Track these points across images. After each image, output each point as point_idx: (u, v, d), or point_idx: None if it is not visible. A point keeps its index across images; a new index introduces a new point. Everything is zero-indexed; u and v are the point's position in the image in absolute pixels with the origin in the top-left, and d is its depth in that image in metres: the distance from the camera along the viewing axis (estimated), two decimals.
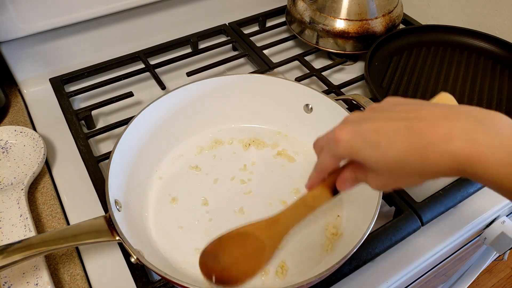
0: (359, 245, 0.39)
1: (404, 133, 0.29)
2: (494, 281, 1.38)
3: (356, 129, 0.31)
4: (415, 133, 0.28)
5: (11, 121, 0.63)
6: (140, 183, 0.52)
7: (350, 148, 0.31)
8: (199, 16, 0.79)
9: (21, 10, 0.61)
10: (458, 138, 0.27)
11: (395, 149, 0.29)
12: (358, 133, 0.31)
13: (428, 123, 0.28)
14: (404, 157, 0.29)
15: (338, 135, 0.32)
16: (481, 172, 0.26)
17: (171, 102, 0.55)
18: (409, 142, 0.28)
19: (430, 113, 0.29)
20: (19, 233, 0.46)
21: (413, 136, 0.28)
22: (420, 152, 0.28)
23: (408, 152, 0.28)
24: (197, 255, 0.46)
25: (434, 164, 0.28)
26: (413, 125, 0.29)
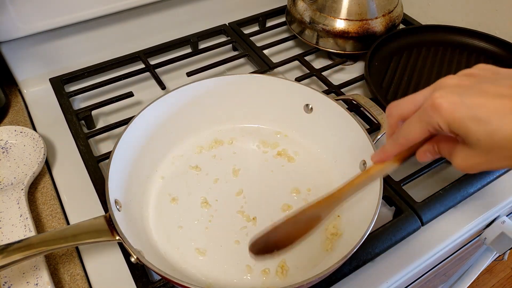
0: (359, 245, 0.39)
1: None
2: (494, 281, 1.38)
3: (462, 99, 0.28)
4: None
5: (11, 121, 0.63)
6: (140, 183, 0.52)
7: (453, 119, 0.28)
8: (199, 16, 0.79)
9: (21, 10, 0.61)
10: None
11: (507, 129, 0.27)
12: (464, 104, 0.28)
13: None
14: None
15: (440, 101, 0.29)
16: None
17: (171, 102, 0.55)
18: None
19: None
20: (19, 233, 0.46)
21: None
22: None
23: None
24: (197, 255, 0.47)
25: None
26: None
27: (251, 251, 0.37)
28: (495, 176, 0.55)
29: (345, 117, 0.52)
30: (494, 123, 0.27)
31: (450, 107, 0.29)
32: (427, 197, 0.52)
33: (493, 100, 0.28)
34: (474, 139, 0.28)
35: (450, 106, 0.29)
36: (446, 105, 0.29)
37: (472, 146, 0.29)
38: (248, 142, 0.59)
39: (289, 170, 0.55)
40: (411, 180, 0.54)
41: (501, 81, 0.29)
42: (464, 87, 0.29)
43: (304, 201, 0.52)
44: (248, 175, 0.55)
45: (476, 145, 0.29)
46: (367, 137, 0.49)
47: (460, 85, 0.30)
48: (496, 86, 0.29)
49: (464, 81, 0.30)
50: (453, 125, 0.29)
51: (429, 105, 0.29)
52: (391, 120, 0.34)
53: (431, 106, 0.29)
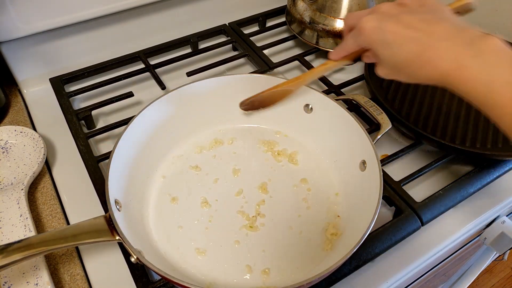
0: (359, 245, 0.39)
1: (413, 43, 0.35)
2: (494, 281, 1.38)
3: (380, 25, 0.37)
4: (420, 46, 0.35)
5: (11, 121, 0.63)
6: (140, 183, 0.52)
7: (370, 40, 0.38)
8: (199, 16, 0.79)
9: (21, 10, 0.61)
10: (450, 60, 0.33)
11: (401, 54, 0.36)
12: (380, 29, 0.37)
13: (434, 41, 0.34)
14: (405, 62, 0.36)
15: (364, 25, 0.38)
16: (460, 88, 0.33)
17: (171, 102, 0.55)
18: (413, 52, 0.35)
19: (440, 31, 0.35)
20: (19, 233, 0.46)
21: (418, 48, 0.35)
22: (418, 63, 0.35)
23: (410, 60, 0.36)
24: (197, 255, 0.47)
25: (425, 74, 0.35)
26: (421, 39, 0.35)
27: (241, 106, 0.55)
28: (495, 176, 0.55)
29: (345, 117, 0.52)
30: (394, 48, 0.37)
31: (370, 31, 0.38)
32: (427, 197, 0.52)
33: (402, 29, 0.36)
34: (381, 57, 0.39)
35: (370, 30, 0.38)
36: (368, 29, 0.38)
37: (381, 61, 0.39)
38: (248, 142, 0.59)
39: (289, 170, 0.55)
40: (411, 180, 0.54)
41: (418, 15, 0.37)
42: (389, 15, 0.37)
43: (304, 201, 0.52)
44: (248, 175, 0.55)
45: (382, 61, 0.39)
46: (367, 137, 0.49)
47: (387, 13, 0.38)
48: (411, 17, 0.36)
49: (392, 10, 0.38)
50: (370, 44, 0.39)
51: (358, 27, 0.39)
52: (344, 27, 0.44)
53: (359, 28, 0.39)
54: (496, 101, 0.31)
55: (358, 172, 0.50)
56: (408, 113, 0.62)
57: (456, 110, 0.63)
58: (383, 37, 0.37)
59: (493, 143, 0.57)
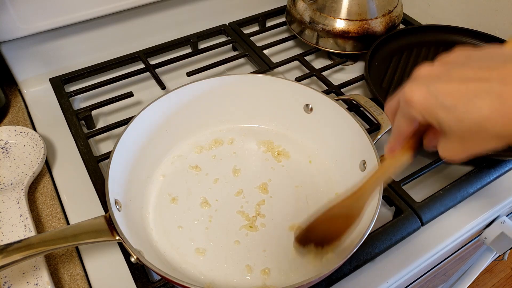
0: (359, 245, 0.39)
1: (484, 97, 0.27)
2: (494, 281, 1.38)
3: (428, 88, 0.29)
4: (496, 97, 0.26)
5: (11, 121, 0.63)
6: (140, 183, 0.52)
7: (424, 110, 0.30)
8: (199, 16, 0.79)
9: (21, 10, 0.61)
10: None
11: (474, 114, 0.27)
12: (431, 94, 0.29)
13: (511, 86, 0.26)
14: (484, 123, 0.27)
15: (410, 95, 0.30)
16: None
17: (171, 102, 0.55)
18: (490, 107, 0.27)
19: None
20: (19, 233, 0.46)
21: (495, 101, 0.27)
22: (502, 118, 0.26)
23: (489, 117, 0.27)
24: (197, 255, 0.47)
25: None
26: (494, 88, 0.27)
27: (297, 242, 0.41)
28: (495, 176, 0.55)
29: (345, 117, 0.52)
30: (460, 109, 0.28)
31: (419, 99, 0.30)
32: (427, 197, 0.52)
33: (458, 85, 0.28)
34: (446, 127, 0.29)
35: (419, 98, 0.30)
36: (416, 97, 0.30)
37: (447, 134, 0.30)
38: (248, 142, 0.59)
39: (289, 170, 0.55)
40: (411, 180, 0.54)
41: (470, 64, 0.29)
42: (434, 76, 0.30)
43: (304, 201, 0.52)
44: (248, 175, 0.55)
45: (449, 132, 0.30)
46: (367, 137, 0.49)
47: (431, 74, 0.31)
48: (463, 70, 0.29)
49: (436, 70, 0.31)
50: (426, 115, 0.30)
51: (403, 100, 0.31)
52: (388, 116, 0.36)
53: (405, 101, 0.31)
54: None
55: (358, 172, 0.50)
56: None
57: None
58: (438, 101, 0.29)
59: None
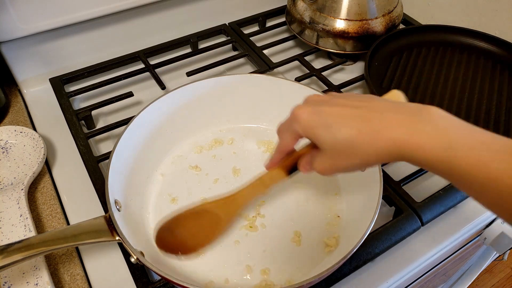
0: (359, 245, 0.39)
1: (355, 119, 0.33)
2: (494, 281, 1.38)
3: (315, 109, 0.35)
4: (364, 120, 0.33)
5: (11, 121, 0.63)
6: (140, 183, 0.52)
7: (308, 126, 0.35)
8: (199, 16, 0.79)
9: (21, 10, 0.61)
10: (400, 127, 0.31)
11: (345, 132, 0.33)
12: (316, 113, 0.35)
13: (377, 113, 0.33)
14: (351, 140, 0.33)
15: (298, 113, 0.36)
16: (418, 156, 0.31)
17: (171, 102, 0.55)
18: (358, 128, 0.33)
19: (379, 105, 0.34)
20: (19, 233, 0.46)
21: (362, 123, 0.33)
22: (366, 137, 0.32)
23: (356, 136, 0.32)
24: (197, 255, 0.47)
25: (377, 148, 0.32)
26: (364, 114, 0.33)
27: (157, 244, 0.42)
28: None
29: None
30: (336, 126, 0.33)
31: (305, 117, 0.35)
32: (427, 197, 0.52)
33: (339, 108, 0.34)
34: (321, 142, 0.35)
35: (306, 116, 0.35)
36: (303, 115, 0.35)
37: (322, 150, 0.35)
38: (248, 142, 0.59)
39: None
40: (411, 180, 0.54)
41: (350, 97, 0.36)
42: (322, 101, 0.36)
43: (304, 201, 0.52)
44: (248, 175, 0.55)
45: (323, 148, 0.35)
46: None
47: (320, 100, 0.36)
48: (345, 99, 0.35)
49: (324, 97, 0.37)
50: (307, 130, 0.35)
51: (292, 117, 0.36)
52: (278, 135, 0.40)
53: (293, 117, 0.36)
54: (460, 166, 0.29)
55: (358, 172, 0.50)
56: None
57: (456, 109, 0.63)
58: (321, 120, 0.34)
59: None
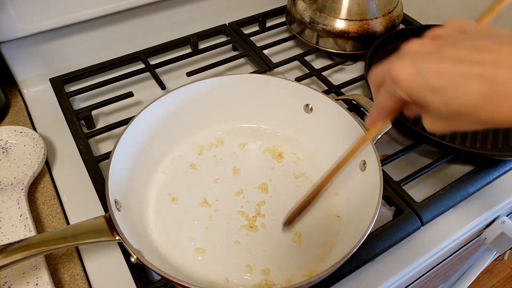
0: (359, 245, 0.39)
1: (476, 82, 0.26)
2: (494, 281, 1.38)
3: (417, 67, 0.28)
4: (489, 83, 0.25)
5: (11, 121, 0.63)
6: (140, 183, 0.52)
7: (411, 90, 0.28)
8: (199, 16, 0.79)
9: (21, 10, 0.61)
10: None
11: (463, 99, 0.26)
12: (419, 74, 0.28)
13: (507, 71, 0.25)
14: (472, 108, 0.26)
15: (397, 73, 0.29)
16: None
17: (171, 102, 0.55)
18: (481, 93, 0.25)
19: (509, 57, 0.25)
20: (19, 233, 0.46)
21: (487, 87, 0.25)
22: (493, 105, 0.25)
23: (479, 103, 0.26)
24: (197, 255, 0.47)
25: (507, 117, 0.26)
26: (487, 72, 0.25)
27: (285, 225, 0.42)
28: (495, 176, 0.55)
29: (345, 117, 0.52)
30: (450, 92, 0.27)
31: (406, 79, 0.28)
32: (427, 197, 0.52)
33: (449, 66, 0.27)
34: (432, 108, 0.28)
35: (406, 77, 0.28)
36: (403, 76, 0.28)
37: (433, 112, 0.29)
38: (248, 142, 0.59)
39: (289, 170, 0.55)
40: (411, 180, 0.54)
41: (464, 43, 0.28)
42: (424, 54, 0.29)
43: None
44: (248, 175, 0.55)
45: (435, 112, 0.29)
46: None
47: (420, 51, 0.29)
48: (456, 49, 0.27)
49: (426, 46, 0.29)
50: (412, 95, 0.29)
51: (389, 78, 0.30)
52: (372, 86, 0.35)
53: (391, 79, 0.29)
54: None
55: (358, 172, 0.50)
56: None
57: None
58: (427, 83, 0.27)
59: (493, 143, 0.57)
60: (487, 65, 0.26)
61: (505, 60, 0.25)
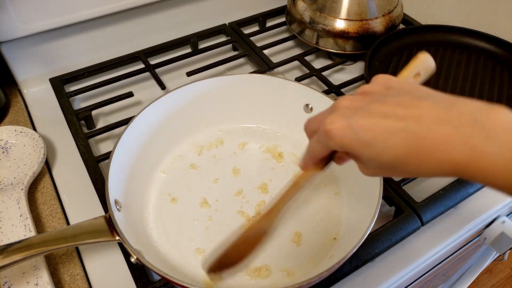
0: (359, 245, 0.39)
1: (400, 136, 0.28)
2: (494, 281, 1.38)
3: (348, 122, 0.29)
4: (412, 137, 0.27)
5: (11, 121, 0.63)
6: (140, 183, 0.52)
7: (343, 143, 0.30)
8: (199, 16, 0.79)
9: (21, 10, 0.61)
10: (456, 145, 0.26)
11: (390, 152, 0.28)
12: (350, 128, 0.29)
13: (426, 127, 0.27)
14: (399, 159, 0.28)
15: (329, 127, 0.30)
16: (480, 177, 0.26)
17: (171, 102, 0.55)
18: (406, 147, 0.28)
19: (427, 113, 0.27)
20: (19, 233, 0.46)
21: (410, 141, 0.27)
22: (416, 157, 0.27)
23: (404, 156, 0.28)
24: (197, 255, 0.47)
25: (430, 169, 0.27)
26: (409, 128, 0.27)
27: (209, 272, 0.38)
28: None
29: None
30: (378, 146, 0.28)
31: (339, 133, 0.30)
32: (427, 197, 0.52)
33: (378, 121, 0.28)
34: (364, 159, 0.30)
35: (339, 131, 0.30)
36: (336, 131, 0.30)
37: (364, 162, 0.31)
38: (248, 142, 0.59)
39: (289, 170, 0.55)
40: (411, 180, 0.54)
41: (390, 99, 0.30)
42: (354, 109, 0.30)
43: (304, 201, 0.52)
44: (248, 175, 0.55)
45: (366, 162, 0.30)
46: None
47: (351, 106, 0.31)
48: (383, 105, 0.29)
49: (356, 102, 0.31)
50: (344, 147, 0.30)
51: (322, 130, 0.31)
52: (307, 134, 0.36)
53: (324, 132, 0.31)
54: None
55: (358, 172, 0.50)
56: None
57: None
58: (358, 137, 0.29)
59: None
60: (409, 120, 0.27)
61: (424, 116, 0.27)
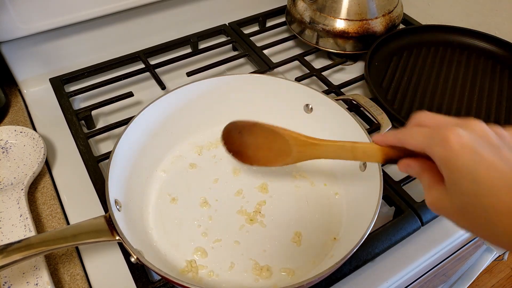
0: (359, 245, 0.39)
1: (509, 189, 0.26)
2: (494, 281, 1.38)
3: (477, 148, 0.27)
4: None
5: (11, 121, 0.63)
6: (140, 183, 0.52)
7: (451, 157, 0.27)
8: (199, 16, 0.79)
9: (21, 10, 0.61)
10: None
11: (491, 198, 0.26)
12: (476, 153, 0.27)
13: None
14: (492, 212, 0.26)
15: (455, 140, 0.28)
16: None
17: (171, 102, 0.55)
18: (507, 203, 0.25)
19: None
20: (19, 233, 0.46)
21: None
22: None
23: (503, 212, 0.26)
24: (197, 255, 0.47)
25: None
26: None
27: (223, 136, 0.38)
28: None
29: (345, 117, 0.52)
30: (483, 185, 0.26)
31: (461, 148, 0.27)
32: None
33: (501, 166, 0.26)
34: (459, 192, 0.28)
35: (462, 146, 0.27)
36: (457, 146, 0.27)
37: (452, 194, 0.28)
38: None
39: (289, 170, 0.55)
40: (411, 180, 0.54)
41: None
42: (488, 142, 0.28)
43: (304, 201, 0.52)
44: (248, 175, 0.55)
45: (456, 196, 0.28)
46: (367, 137, 0.49)
47: (485, 138, 0.28)
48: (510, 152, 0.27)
49: (491, 138, 0.28)
50: (448, 162, 0.28)
51: (444, 134, 0.28)
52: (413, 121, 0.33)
53: (444, 137, 0.28)
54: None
55: (358, 172, 0.50)
56: (408, 113, 0.62)
57: (455, 110, 0.63)
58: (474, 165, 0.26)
59: None
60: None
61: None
